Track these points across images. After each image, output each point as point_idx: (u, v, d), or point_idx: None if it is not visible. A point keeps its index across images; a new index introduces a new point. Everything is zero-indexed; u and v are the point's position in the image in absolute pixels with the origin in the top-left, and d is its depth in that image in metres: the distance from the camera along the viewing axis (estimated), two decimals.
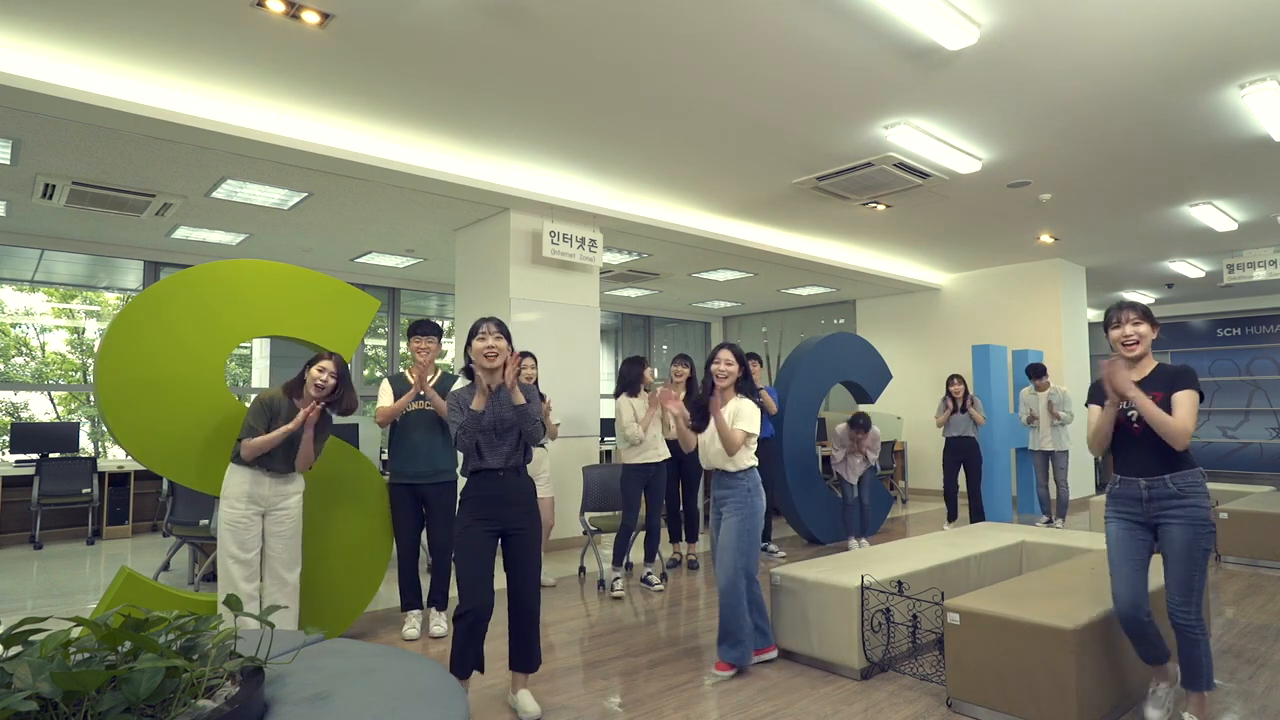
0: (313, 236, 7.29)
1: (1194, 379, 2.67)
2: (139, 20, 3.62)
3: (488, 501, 2.87)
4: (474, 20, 3.64)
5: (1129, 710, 2.96)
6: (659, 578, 5.10)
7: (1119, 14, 3.60)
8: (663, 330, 13.05)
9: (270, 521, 3.42)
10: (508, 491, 2.88)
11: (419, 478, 3.92)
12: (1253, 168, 5.81)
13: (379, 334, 9.89)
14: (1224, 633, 3.96)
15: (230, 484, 3.35)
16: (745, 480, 3.45)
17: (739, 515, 3.42)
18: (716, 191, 6.41)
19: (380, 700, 1.43)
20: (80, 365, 11.63)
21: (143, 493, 7.29)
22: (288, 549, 3.45)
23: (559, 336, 6.49)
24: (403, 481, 3.94)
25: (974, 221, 7.39)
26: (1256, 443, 12.03)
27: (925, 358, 10.25)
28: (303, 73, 4.17)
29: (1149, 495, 2.69)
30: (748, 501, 3.43)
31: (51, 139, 4.76)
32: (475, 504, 2.87)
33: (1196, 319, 12.65)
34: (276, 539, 3.43)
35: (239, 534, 3.32)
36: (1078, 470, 9.22)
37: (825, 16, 3.59)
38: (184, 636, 1.39)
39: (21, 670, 1.15)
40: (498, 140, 5.22)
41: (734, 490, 3.44)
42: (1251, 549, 5.57)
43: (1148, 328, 2.73)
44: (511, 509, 2.88)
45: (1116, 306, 2.78)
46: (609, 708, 3.03)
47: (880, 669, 3.35)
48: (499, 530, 2.89)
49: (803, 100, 4.54)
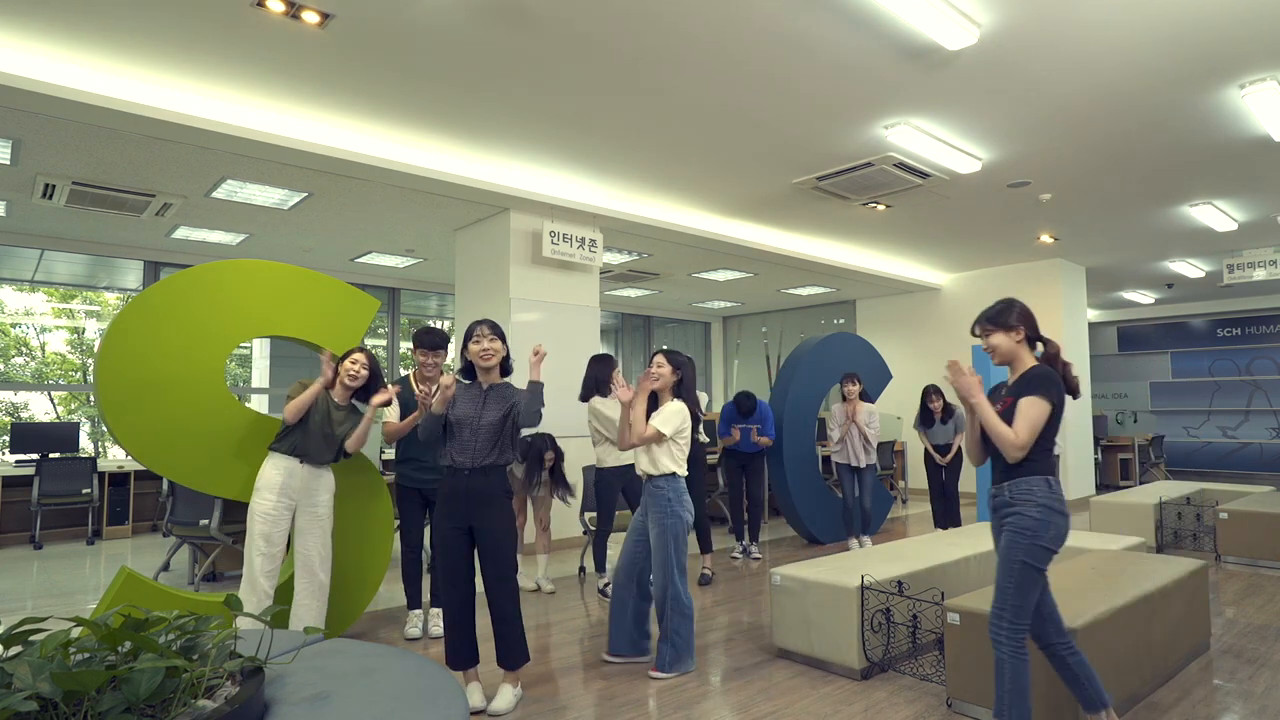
0: (313, 236, 7.29)
1: (1041, 386, 2.48)
2: (139, 20, 3.62)
3: (452, 498, 2.96)
4: (474, 20, 3.64)
5: (1129, 710, 2.96)
6: None
7: (1119, 14, 3.60)
8: (663, 330, 13.05)
9: (302, 518, 3.45)
10: (472, 490, 2.94)
11: (428, 484, 3.93)
12: (1253, 168, 5.81)
13: (379, 334, 9.89)
14: (1224, 633, 3.96)
15: (264, 474, 3.40)
16: (666, 488, 3.43)
17: (658, 527, 3.41)
18: (716, 191, 6.41)
19: (380, 700, 1.43)
20: (80, 365, 11.63)
21: (143, 493, 7.29)
22: (320, 547, 3.47)
23: (559, 336, 6.48)
24: (412, 485, 3.96)
25: (974, 221, 7.39)
26: (1256, 443, 12.03)
27: (925, 358, 10.25)
28: (303, 73, 4.17)
29: (994, 505, 2.56)
30: (668, 510, 3.40)
31: (51, 139, 4.76)
32: (442, 500, 3.00)
33: (1196, 319, 12.65)
34: (309, 536, 3.45)
35: (266, 526, 3.34)
36: (1077, 470, 9.23)
37: (826, 17, 3.59)
38: (184, 636, 1.39)
39: (21, 670, 1.15)
40: (498, 140, 5.22)
41: (655, 498, 3.43)
42: (1251, 549, 5.56)
43: (1001, 336, 2.59)
44: (476, 508, 2.94)
45: (976, 319, 2.68)
46: (610, 707, 3.03)
47: (880, 669, 3.35)
48: (465, 527, 2.96)
49: (803, 100, 4.54)
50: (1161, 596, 3.24)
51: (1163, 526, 6.18)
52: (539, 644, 3.85)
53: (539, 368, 3.03)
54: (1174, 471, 12.19)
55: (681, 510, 3.43)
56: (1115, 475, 10.68)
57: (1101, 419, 10.71)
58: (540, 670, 3.47)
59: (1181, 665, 3.42)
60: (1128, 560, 3.76)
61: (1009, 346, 2.60)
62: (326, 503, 3.50)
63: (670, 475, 3.44)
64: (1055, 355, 2.60)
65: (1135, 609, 3.04)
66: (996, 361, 2.65)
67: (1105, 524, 6.33)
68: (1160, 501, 6.21)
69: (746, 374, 12.96)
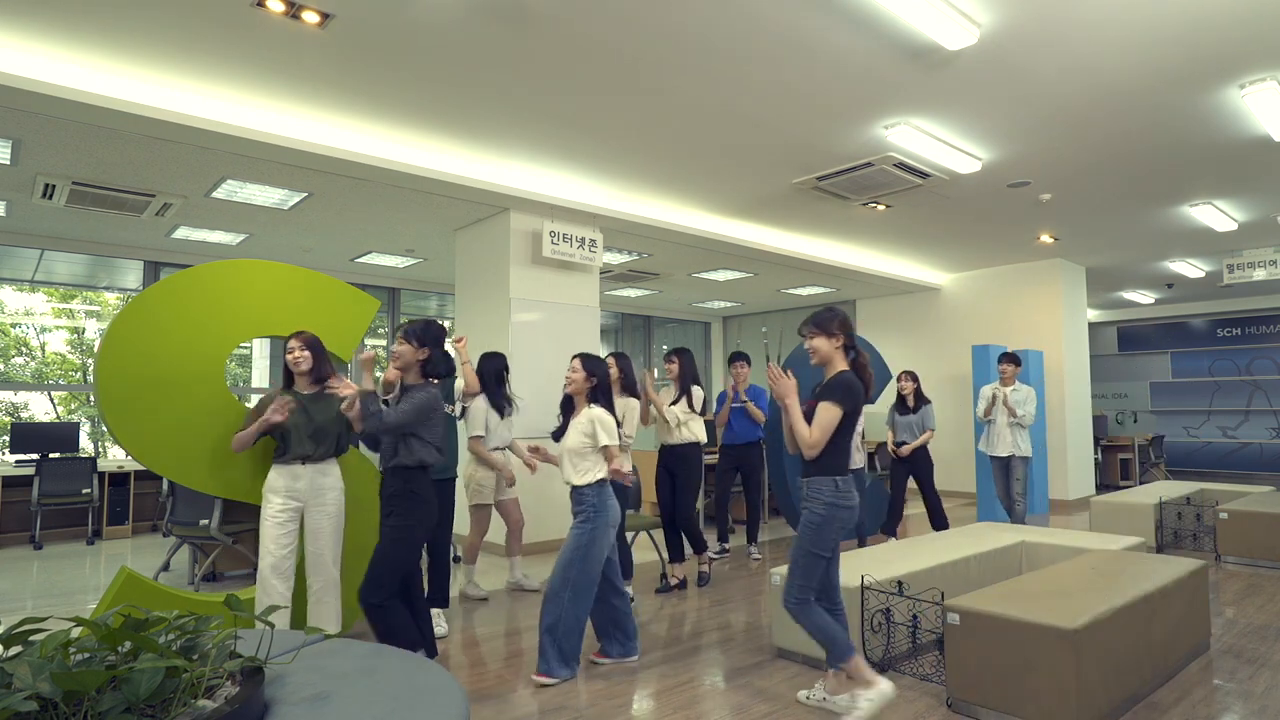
0: (313, 236, 7.29)
1: (834, 392, 2.82)
2: (139, 20, 3.62)
3: None
4: (474, 20, 3.64)
5: (1129, 710, 2.96)
6: None
7: (1119, 14, 3.60)
8: (663, 330, 13.05)
9: (312, 518, 3.44)
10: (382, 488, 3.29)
11: None
12: (1253, 168, 5.81)
13: (379, 334, 9.90)
14: (1224, 633, 3.96)
15: (269, 480, 3.42)
16: (589, 496, 3.37)
17: (574, 533, 3.37)
18: (716, 191, 6.41)
19: (380, 700, 1.44)
20: (80, 365, 11.63)
21: (143, 493, 7.29)
22: (333, 546, 3.47)
23: (559, 336, 6.48)
24: None
25: (974, 221, 7.39)
26: (1256, 443, 12.03)
27: (925, 358, 10.25)
28: (303, 73, 4.17)
29: (801, 494, 2.96)
30: (589, 518, 3.35)
31: (51, 139, 4.76)
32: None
33: (1196, 319, 12.65)
34: (321, 534, 3.44)
35: (276, 529, 3.35)
36: (1077, 470, 9.23)
37: (825, 16, 3.59)
38: (184, 636, 1.39)
39: (21, 670, 1.15)
40: (498, 140, 5.22)
41: (580, 505, 3.39)
42: (1251, 549, 5.56)
43: (822, 339, 2.93)
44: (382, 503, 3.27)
45: (804, 320, 3.01)
46: (609, 708, 3.03)
47: (880, 669, 3.35)
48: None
49: (803, 100, 4.54)
50: (1161, 596, 3.24)
51: (1163, 526, 6.18)
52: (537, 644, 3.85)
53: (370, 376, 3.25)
54: (1174, 471, 12.19)
55: (601, 520, 3.35)
56: (1115, 475, 10.68)
57: (1101, 419, 10.71)
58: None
59: (1181, 665, 3.42)
60: (1128, 560, 3.76)
61: (828, 350, 2.94)
62: (336, 500, 3.49)
63: (591, 485, 3.37)
64: (864, 365, 2.96)
65: (1135, 609, 3.04)
66: (815, 362, 3.00)
67: (1105, 524, 6.33)
68: (1160, 501, 6.21)
69: None
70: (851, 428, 2.88)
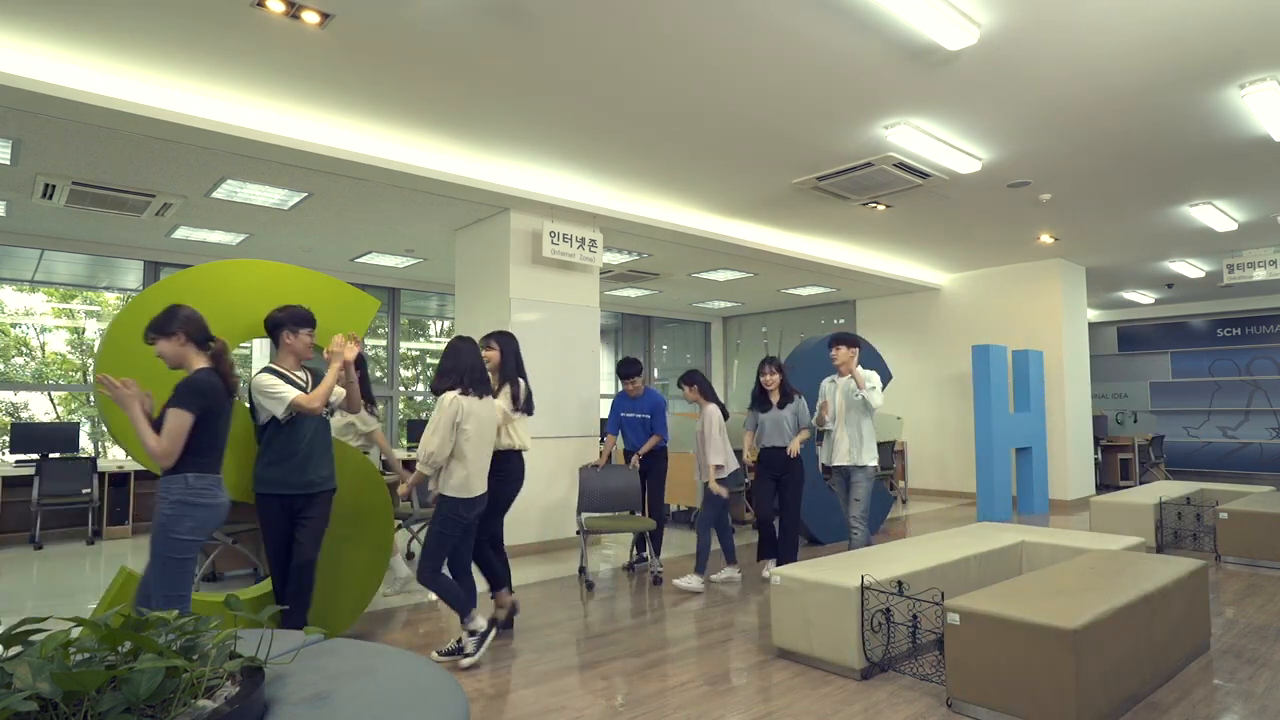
0: (313, 236, 7.29)
1: (184, 397, 2.72)
2: (139, 20, 3.62)
3: None
4: (474, 20, 3.64)
5: (1129, 710, 2.96)
6: None
7: (1119, 14, 3.60)
8: (663, 330, 13.05)
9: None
10: None
11: None
12: (1253, 168, 5.80)
13: (379, 334, 9.90)
14: (1224, 633, 3.96)
15: None
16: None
17: None
18: (716, 191, 6.41)
19: (380, 700, 1.44)
20: (80, 365, 11.63)
21: (143, 493, 7.28)
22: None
23: (559, 336, 6.49)
24: None
25: (974, 221, 7.39)
26: (1256, 443, 12.03)
27: (925, 358, 10.25)
28: (303, 73, 4.17)
29: None
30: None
31: (51, 139, 4.76)
32: None
33: (1196, 319, 12.65)
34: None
35: None
36: (1077, 470, 9.23)
37: (825, 17, 3.59)
38: (184, 636, 1.39)
39: (21, 670, 1.15)
40: (498, 140, 5.22)
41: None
42: (1251, 549, 5.56)
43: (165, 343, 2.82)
44: None
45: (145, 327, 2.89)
46: (609, 708, 3.03)
47: (880, 669, 3.35)
48: None
49: (803, 100, 4.54)
50: (1161, 596, 3.24)
51: (1163, 526, 6.18)
52: (538, 644, 3.85)
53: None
54: (1174, 471, 12.19)
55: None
56: (1115, 475, 10.68)
57: (1101, 419, 10.71)
58: (540, 670, 3.47)
59: (1181, 665, 3.42)
60: (1128, 560, 3.76)
61: (175, 352, 2.83)
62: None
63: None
64: (219, 353, 2.88)
65: (1135, 609, 3.04)
66: (170, 367, 2.85)
67: (1105, 524, 6.33)
68: (1160, 501, 6.21)
69: (746, 374, 12.95)
70: (213, 426, 2.79)
